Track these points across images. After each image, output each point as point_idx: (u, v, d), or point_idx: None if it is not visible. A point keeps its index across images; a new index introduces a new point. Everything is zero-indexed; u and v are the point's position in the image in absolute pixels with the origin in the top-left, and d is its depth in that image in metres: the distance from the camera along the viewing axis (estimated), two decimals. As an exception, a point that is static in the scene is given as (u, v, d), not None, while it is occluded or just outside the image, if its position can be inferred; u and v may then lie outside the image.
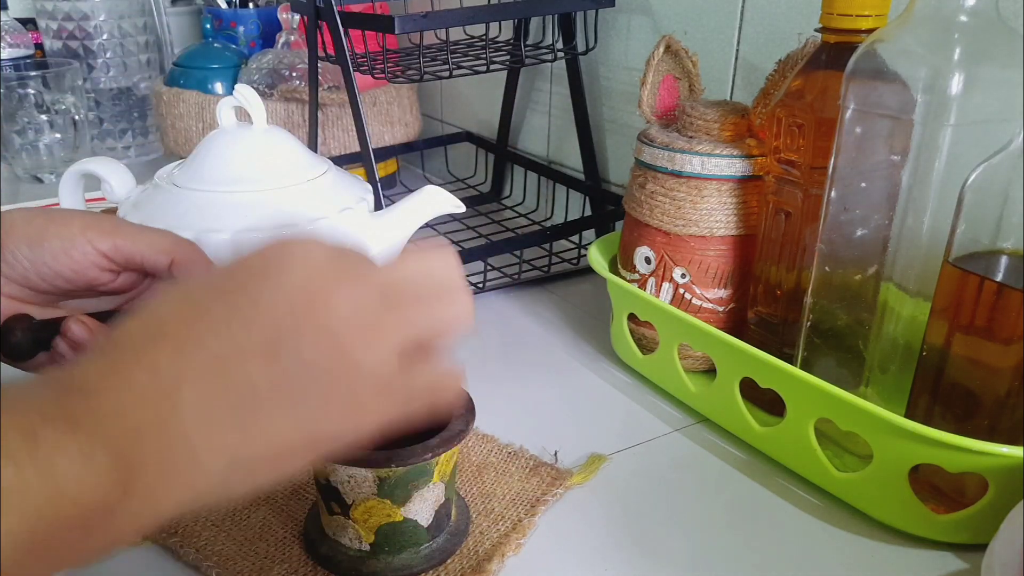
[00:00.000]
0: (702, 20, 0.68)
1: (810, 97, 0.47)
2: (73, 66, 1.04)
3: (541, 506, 0.45)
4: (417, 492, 0.39)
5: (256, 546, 0.42)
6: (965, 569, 0.42)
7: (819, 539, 0.44)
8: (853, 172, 0.45)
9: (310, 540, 0.42)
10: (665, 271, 0.56)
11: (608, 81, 0.79)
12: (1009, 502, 0.37)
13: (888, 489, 0.43)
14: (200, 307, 0.27)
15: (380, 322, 0.28)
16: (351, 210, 0.52)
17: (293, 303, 0.27)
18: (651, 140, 0.56)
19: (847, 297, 0.48)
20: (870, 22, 0.45)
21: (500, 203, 0.96)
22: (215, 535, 0.43)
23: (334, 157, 0.87)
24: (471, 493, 0.46)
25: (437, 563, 0.41)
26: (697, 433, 0.53)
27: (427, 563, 0.41)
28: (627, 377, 0.60)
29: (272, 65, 0.95)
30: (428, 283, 0.30)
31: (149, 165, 1.14)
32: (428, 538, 0.41)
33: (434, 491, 0.40)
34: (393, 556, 0.40)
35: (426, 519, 0.40)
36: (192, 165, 0.53)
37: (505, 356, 0.63)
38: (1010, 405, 0.40)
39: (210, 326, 0.26)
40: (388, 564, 0.40)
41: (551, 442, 0.51)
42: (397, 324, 0.29)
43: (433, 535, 0.41)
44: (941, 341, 0.42)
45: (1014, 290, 0.39)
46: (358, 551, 0.40)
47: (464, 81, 1.01)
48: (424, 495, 0.39)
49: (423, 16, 0.66)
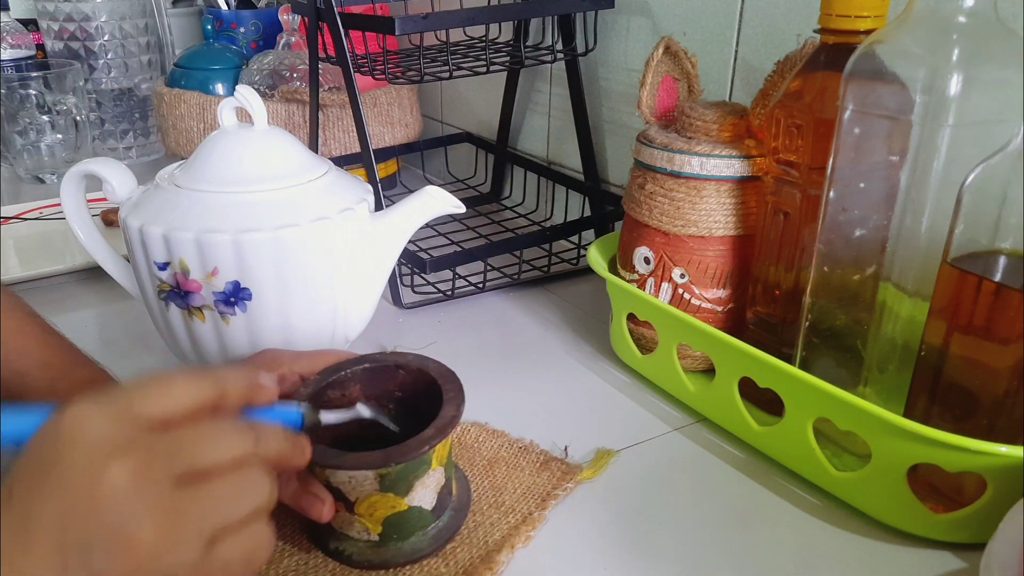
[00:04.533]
0: (701, 21, 0.68)
1: (809, 98, 0.47)
2: (74, 67, 1.04)
3: (552, 500, 0.46)
4: (418, 481, 0.40)
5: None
6: (964, 568, 0.42)
7: (818, 538, 0.44)
8: (852, 173, 0.45)
9: (317, 536, 0.42)
10: (664, 271, 0.56)
11: (607, 82, 0.79)
12: (1008, 501, 0.37)
13: (887, 488, 0.43)
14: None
15: (176, 506, 0.27)
16: (351, 210, 0.52)
17: (72, 512, 0.25)
18: (650, 141, 0.56)
19: (846, 297, 0.48)
20: (869, 23, 0.45)
21: (500, 203, 0.96)
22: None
23: (335, 158, 0.87)
24: (482, 487, 0.47)
25: (445, 541, 0.42)
26: (696, 433, 0.53)
27: (435, 543, 0.41)
28: (626, 377, 0.60)
29: (273, 66, 0.95)
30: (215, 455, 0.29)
31: (150, 166, 1.14)
32: (433, 519, 0.41)
33: (434, 476, 0.40)
34: (402, 542, 0.41)
35: (430, 503, 0.41)
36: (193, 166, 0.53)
37: (505, 356, 0.63)
38: (1008, 405, 0.41)
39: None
40: (399, 550, 0.41)
41: (550, 440, 0.51)
42: (195, 505, 0.27)
43: (438, 515, 0.42)
44: (939, 341, 0.43)
45: (1012, 290, 0.39)
46: (367, 542, 0.41)
47: (464, 82, 1.01)
48: (425, 482, 0.40)
49: (423, 17, 0.66)
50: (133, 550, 0.25)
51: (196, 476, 0.28)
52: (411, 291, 0.72)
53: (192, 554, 0.27)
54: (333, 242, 0.51)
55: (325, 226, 0.51)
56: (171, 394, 0.29)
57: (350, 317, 0.56)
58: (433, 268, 0.68)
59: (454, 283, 0.72)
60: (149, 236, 0.49)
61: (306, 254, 0.50)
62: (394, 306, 0.71)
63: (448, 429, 0.39)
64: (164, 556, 0.26)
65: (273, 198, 0.51)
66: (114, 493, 0.25)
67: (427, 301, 0.71)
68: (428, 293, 0.72)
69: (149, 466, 0.27)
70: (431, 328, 0.67)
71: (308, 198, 0.52)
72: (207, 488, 0.28)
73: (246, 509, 0.29)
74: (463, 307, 0.71)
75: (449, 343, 0.65)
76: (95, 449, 0.26)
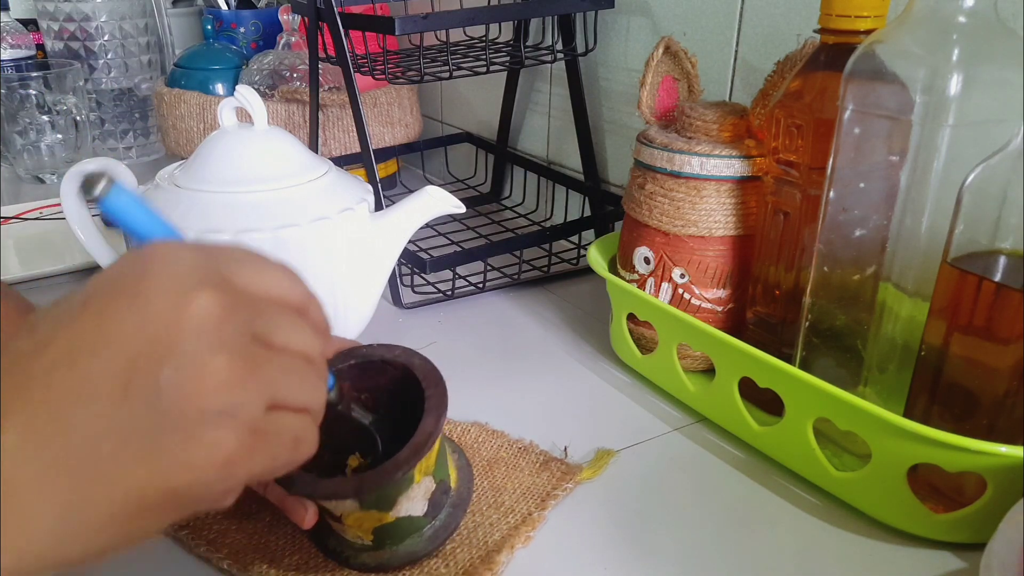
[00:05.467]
0: (701, 21, 0.68)
1: (809, 98, 0.47)
2: (74, 67, 1.04)
3: (551, 500, 0.46)
4: (402, 495, 0.38)
5: (266, 538, 0.43)
6: (963, 568, 0.42)
7: (818, 538, 0.44)
8: (852, 173, 0.45)
9: (317, 533, 0.42)
10: (664, 271, 0.56)
11: (607, 82, 0.79)
12: (1008, 501, 0.37)
13: (887, 488, 0.43)
14: (44, 340, 0.24)
15: (251, 356, 0.26)
16: (351, 210, 0.52)
17: (149, 329, 0.24)
18: (650, 141, 0.56)
19: (846, 297, 0.48)
20: (869, 23, 0.45)
21: (500, 203, 0.96)
22: (226, 528, 0.43)
23: (335, 158, 0.87)
24: (482, 487, 0.46)
25: (443, 539, 0.41)
26: (696, 432, 0.53)
27: (432, 543, 0.40)
28: (626, 377, 0.60)
29: (273, 66, 0.95)
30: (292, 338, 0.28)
31: (150, 166, 1.14)
32: (428, 522, 0.40)
33: (421, 487, 0.39)
34: (397, 545, 0.40)
35: (420, 510, 0.40)
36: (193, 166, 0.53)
37: (505, 356, 0.63)
38: (1008, 405, 0.41)
39: (53, 361, 0.23)
40: (394, 553, 0.40)
41: (550, 440, 0.51)
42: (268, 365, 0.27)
43: (433, 515, 0.41)
44: (939, 341, 0.43)
45: (1012, 290, 0.39)
46: (362, 545, 0.40)
47: (464, 82, 1.01)
48: (411, 495, 0.39)
49: (423, 17, 0.66)
50: (204, 380, 0.24)
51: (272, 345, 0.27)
52: (411, 291, 0.72)
53: (255, 406, 0.26)
54: (333, 242, 0.51)
55: (325, 226, 0.51)
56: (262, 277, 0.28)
57: (350, 317, 0.56)
58: (433, 268, 0.68)
59: (454, 283, 0.72)
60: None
61: (306, 254, 0.50)
62: (394, 306, 0.71)
63: (424, 449, 0.37)
64: (231, 394, 0.25)
65: (273, 198, 0.51)
66: (199, 318, 0.24)
67: (427, 301, 0.71)
68: (428, 293, 0.72)
69: (235, 309, 0.25)
70: (431, 328, 0.67)
71: (308, 198, 0.52)
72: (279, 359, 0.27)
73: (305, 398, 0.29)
74: (463, 307, 0.71)
75: (449, 343, 0.65)
76: (186, 276, 0.25)
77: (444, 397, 0.39)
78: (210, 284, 0.25)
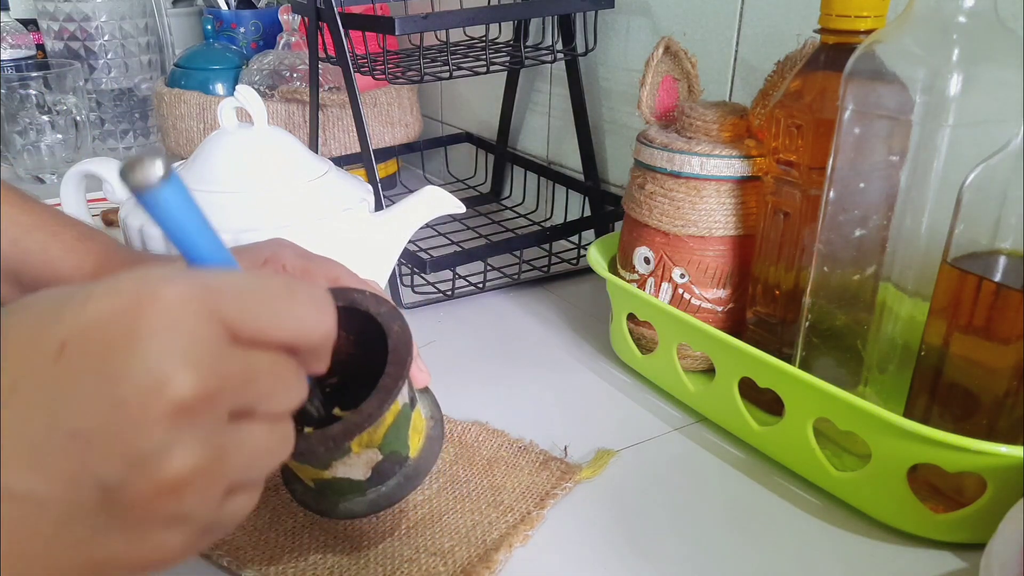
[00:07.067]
0: (701, 21, 0.68)
1: (809, 98, 0.47)
2: (74, 67, 1.04)
3: (551, 499, 0.46)
4: (337, 461, 0.37)
5: (266, 535, 0.43)
6: (964, 568, 0.42)
7: (818, 538, 0.44)
8: (852, 173, 0.45)
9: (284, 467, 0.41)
10: (664, 271, 0.56)
11: (607, 82, 0.79)
12: (1008, 501, 0.37)
13: (887, 488, 0.43)
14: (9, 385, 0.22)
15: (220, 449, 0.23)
16: (351, 210, 0.52)
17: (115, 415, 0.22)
18: (650, 141, 0.56)
19: (846, 297, 0.48)
20: (869, 23, 0.45)
21: (500, 203, 0.96)
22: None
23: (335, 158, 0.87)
24: (481, 486, 0.47)
25: (385, 506, 0.39)
26: (696, 432, 0.53)
27: (372, 508, 0.39)
28: (626, 377, 0.60)
29: (273, 66, 0.95)
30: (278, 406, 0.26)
31: (150, 166, 1.14)
32: (370, 487, 0.38)
33: (361, 458, 0.37)
34: (337, 499, 0.39)
35: (360, 475, 0.38)
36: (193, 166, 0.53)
37: (505, 356, 0.63)
38: (1008, 405, 0.41)
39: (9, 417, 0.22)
40: (334, 505, 0.39)
41: (549, 439, 0.51)
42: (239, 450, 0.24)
43: (377, 483, 0.38)
44: (939, 341, 0.43)
45: (1012, 290, 0.39)
46: (307, 488, 0.40)
47: (464, 82, 1.01)
48: (347, 462, 0.37)
49: (423, 17, 0.66)
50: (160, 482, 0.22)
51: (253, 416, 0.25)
52: (411, 291, 0.72)
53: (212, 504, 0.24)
54: (333, 242, 0.51)
55: (325, 226, 0.51)
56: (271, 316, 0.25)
57: (350, 317, 0.56)
58: (433, 268, 0.68)
59: (454, 283, 0.72)
60: (149, 236, 0.49)
61: (306, 254, 0.50)
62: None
63: (357, 430, 0.34)
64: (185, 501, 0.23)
65: (273, 198, 0.51)
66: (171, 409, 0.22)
67: (427, 301, 0.71)
68: (428, 293, 0.72)
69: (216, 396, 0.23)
70: (431, 328, 0.67)
71: (308, 198, 0.52)
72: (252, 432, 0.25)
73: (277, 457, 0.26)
74: (463, 307, 0.71)
75: (449, 343, 0.65)
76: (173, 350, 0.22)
77: (400, 379, 0.36)
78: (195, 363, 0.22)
